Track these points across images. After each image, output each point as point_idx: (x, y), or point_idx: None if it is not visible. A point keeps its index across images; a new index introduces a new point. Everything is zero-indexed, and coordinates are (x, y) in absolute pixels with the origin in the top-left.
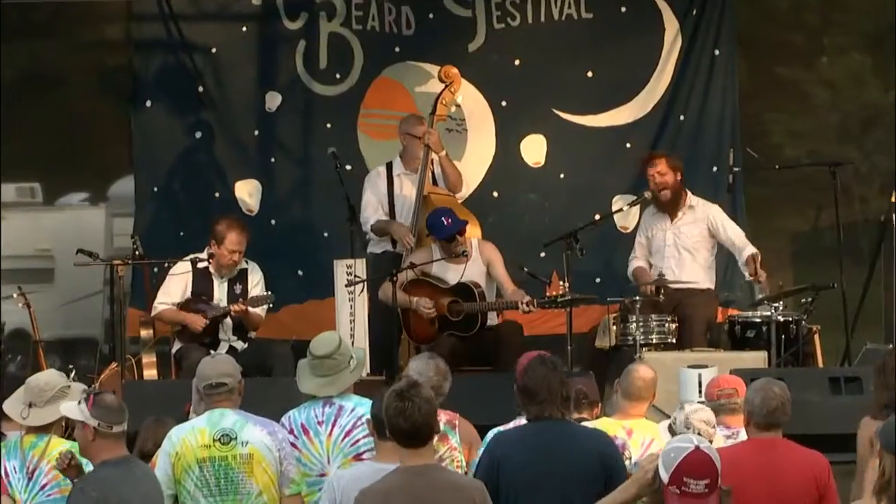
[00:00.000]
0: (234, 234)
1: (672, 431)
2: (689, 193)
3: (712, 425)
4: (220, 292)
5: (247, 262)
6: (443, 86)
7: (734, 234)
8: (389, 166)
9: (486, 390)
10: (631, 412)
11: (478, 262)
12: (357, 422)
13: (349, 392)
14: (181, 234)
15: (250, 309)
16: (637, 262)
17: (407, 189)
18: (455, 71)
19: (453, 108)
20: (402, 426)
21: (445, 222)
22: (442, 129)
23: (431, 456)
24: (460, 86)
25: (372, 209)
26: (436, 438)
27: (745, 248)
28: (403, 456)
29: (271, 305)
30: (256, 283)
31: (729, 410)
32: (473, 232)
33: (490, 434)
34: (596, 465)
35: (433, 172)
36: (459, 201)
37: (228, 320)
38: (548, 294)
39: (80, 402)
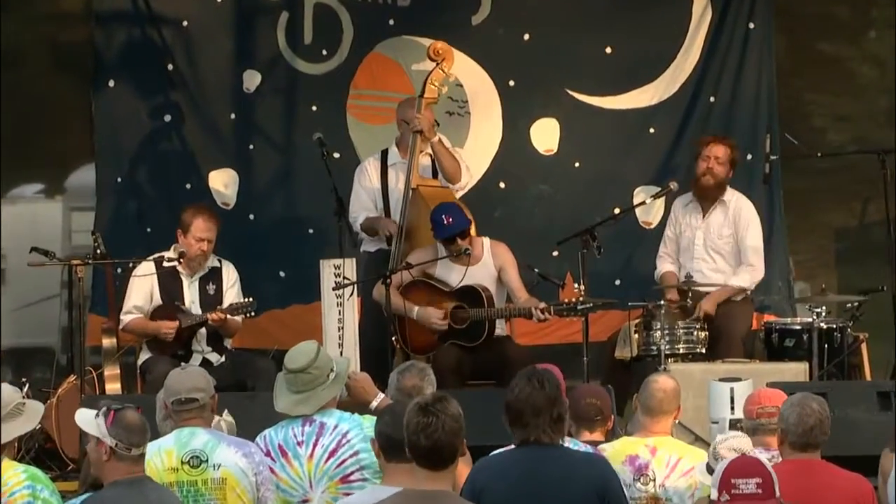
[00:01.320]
0: (200, 221)
1: (710, 470)
2: (729, 188)
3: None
4: (190, 294)
5: (219, 260)
6: (433, 64)
7: (746, 248)
8: (385, 155)
9: (490, 407)
10: (654, 429)
11: (488, 265)
12: (342, 440)
13: (330, 407)
14: (148, 230)
15: (229, 317)
16: (665, 262)
17: (402, 178)
18: (446, 46)
19: (445, 89)
20: (423, 444)
21: (445, 221)
22: (441, 113)
23: (450, 482)
24: (453, 63)
25: (360, 205)
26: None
27: (738, 273)
28: (419, 478)
29: (252, 314)
30: (232, 284)
31: (771, 431)
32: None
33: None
34: (591, 495)
35: (432, 162)
36: (460, 193)
37: (204, 329)
38: (563, 299)
39: (98, 415)
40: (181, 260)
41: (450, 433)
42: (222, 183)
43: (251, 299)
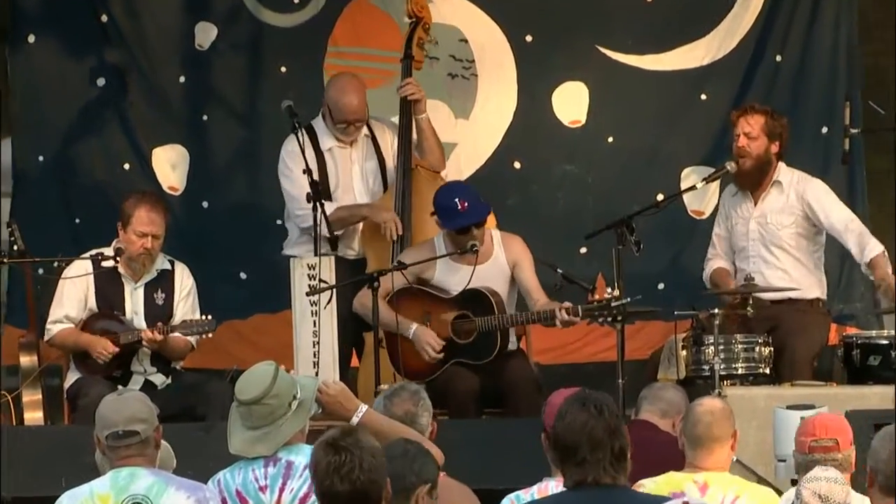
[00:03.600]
0: (143, 211)
1: None
2: (781, 165)
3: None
4: (133, 303)
5: (171, 262)
6: (412, 23)
7: (842, 224)
8: (311, 133)
9: (500, 440)
10: (703, 462)
11: (500, 263)
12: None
13: (297, 441)
14: (77, 221)
15: (173, 336)
16: (716, 262)
17: (341, 165)
18: (422, 1)
19: (432, 48)
20: (340, 488)
21: (460, 206)
22: (442, 75)
23: None
24: (431, 19)
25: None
26: None
27: (865, 247)
28: None
29: (210, 335)
30: (186, 293)
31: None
32: (488, 221)
33: None
34: None
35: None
36: (463, 176)
37: (146, 347)
38: (597, 297)
39: None
40: (118, 259)
41: (370, 471)
42: (169, 162)
43: (208, 317)
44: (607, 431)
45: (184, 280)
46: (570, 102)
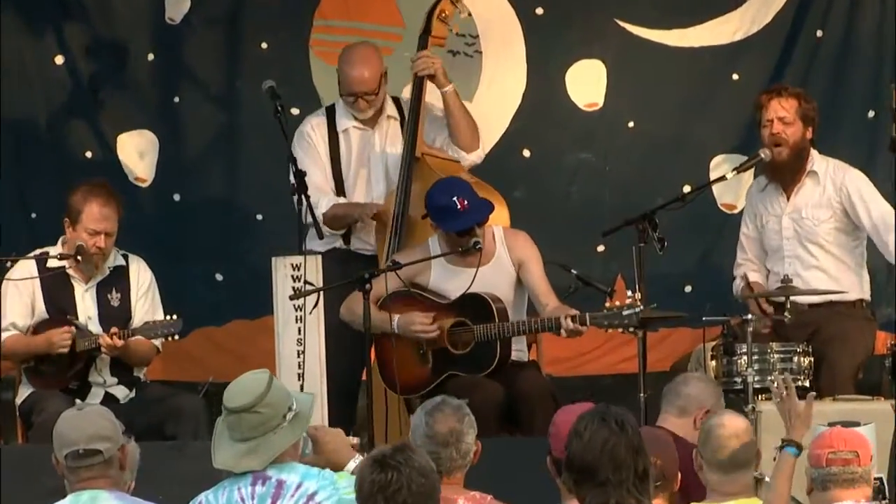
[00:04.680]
0: (95, 206)
1: None
2: (815, 153)
3: None
4: (86, 306)
5: (125, 257)
6: None
7: (884, 221)
8: (331, 115)
9: (509, 462)
10: (727, 488)
11: (504, 263)
12: (309, 503)
13: (289, 459)
14: (33, 215)
15: (134, 340)
16: (746, 269)
17: (359, 149)
18: None
19: (456, 28)
20: None
21: (459, 204)
22: (442, 53)
23: None
24: None
25: (316, 188)
26: None
27: None
28: None
29: (175, 337)
30: (145, 290)
31: (845, 482)
32: (499, 217)
33: None
34: None
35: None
36: (466, 169)
37: (105, 354)
38: (607, 304)
39: None
40: (78, 258)
41: (419, 495)
42: (136, 150)
43: (174, 317)
44: (630, 450)
45: (140, 275)
46: (586, 83)
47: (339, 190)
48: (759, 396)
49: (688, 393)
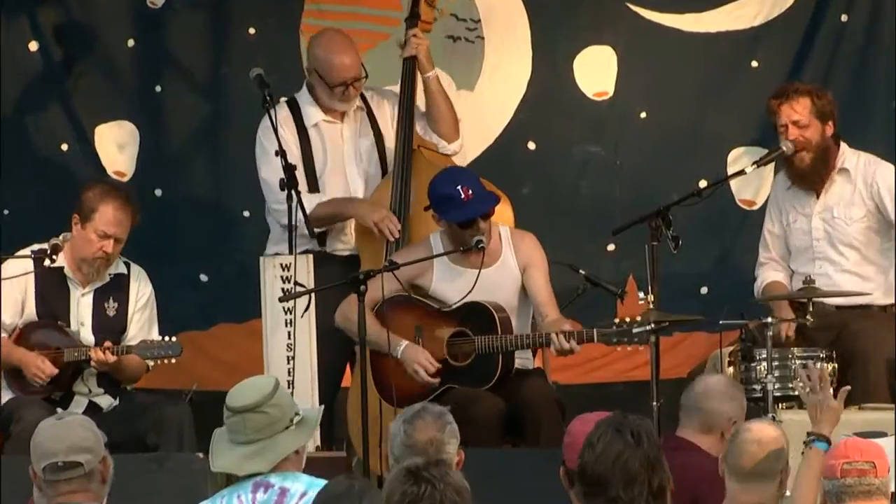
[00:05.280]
0: (111, 209)
1: None
2: (844, 147)
3: None
4: (80, 312)
5: (127, 265)
6: None
7: None
8: (294, 108)
9: (515, 473)
10: (743, 498)
11: (509, 266)
12: None
13: (293, 468)
14: (5, 212)
15: (126, 356)
16: (769, 271)
17: (330, 144)
18: None
19: (444, 11)
20: None
21: (463, 194)
22: (441, 38)
23: None
24: None
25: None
26: None
27: None
28: None
29: (173, 360)
30: (144, 304)
31: (861, 493)
32: (502, 215)
33: None
34: None
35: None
36: (464, 160)
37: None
38: (618, 318)
39: None
40: (53, 257)
41: None
42: (115, 142)
43: (173, 339)
44: (645, 464)
45: (140, 288)
46: (595, 70)
47: (312, 188)
48: (780, 405)
49: (711, 409)
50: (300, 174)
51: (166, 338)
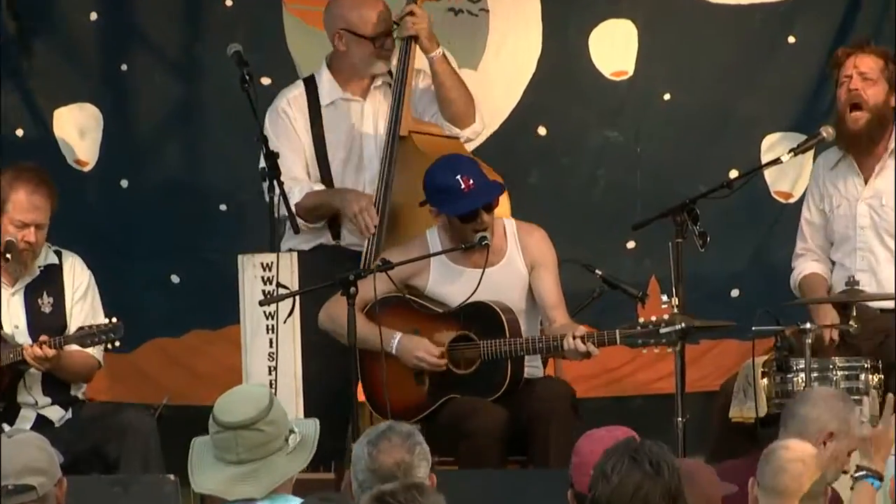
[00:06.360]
0: (23, 194)
1: None
2: None
3: None
4: (11, 313)
5: (58, 253)
6: None
7: None
8: (311, 88)
9: (521, 497)
10: None
11: (516, 264)
12: None
13: (283, 490)
14: None
15: (69, 350)
16: (807, 262)
17: (348, 125)
18: None
19: None
20: None
21: (463, 184)
22: (442, 11)
23: None
24: None
25: (289, 175)
26: None
27: None
28: None
29: (116, 343)
30: (83, 293)
31: None
32: (500, 208)
33: None
34: None
35: (415, 91)
36: (470, 146)
37: (34, 369)
38: (641, 320)
39: None
40: (7, 257)
41: None
42: (76, 127)
43: (114, 320)
44: (667, 496)
45: (76, 275)
46: (613, 47)
47: (325, 176)
48: None
49: (804, 414)
50: (311, 162)
51: (107, 320)
